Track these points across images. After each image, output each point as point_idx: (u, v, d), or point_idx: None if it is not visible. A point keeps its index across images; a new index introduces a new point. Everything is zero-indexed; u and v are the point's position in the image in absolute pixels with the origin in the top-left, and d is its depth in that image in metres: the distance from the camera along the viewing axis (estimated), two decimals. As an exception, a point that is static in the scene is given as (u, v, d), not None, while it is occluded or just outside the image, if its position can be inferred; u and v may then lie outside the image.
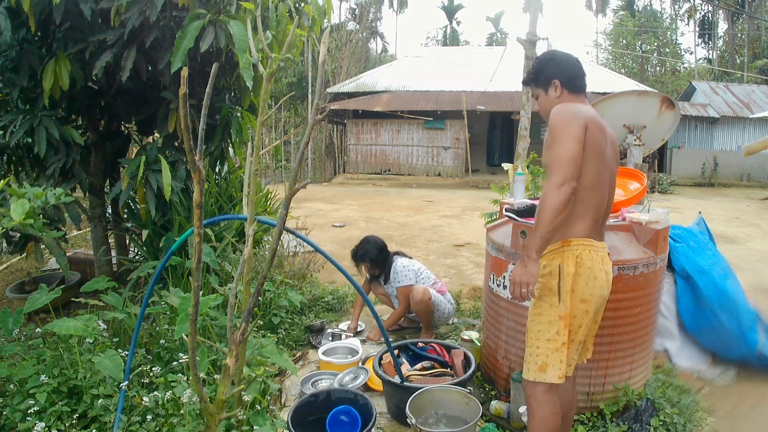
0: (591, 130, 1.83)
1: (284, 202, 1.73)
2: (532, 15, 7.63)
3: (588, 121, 1.83)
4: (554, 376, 1.88)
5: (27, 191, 2.30)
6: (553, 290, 1.88)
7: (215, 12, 3.00)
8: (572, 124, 1.81)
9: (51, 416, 2.18)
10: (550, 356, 1.88)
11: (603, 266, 1.90)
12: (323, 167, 21.92)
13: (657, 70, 33.43)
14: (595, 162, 1.84)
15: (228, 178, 4.44)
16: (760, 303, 3.23)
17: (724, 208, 11.77)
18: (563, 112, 1.87)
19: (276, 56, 1.99)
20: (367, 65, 28.84)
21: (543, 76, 2.05)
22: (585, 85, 2.04)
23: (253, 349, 2.39)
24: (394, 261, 3.70)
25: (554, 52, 2.10)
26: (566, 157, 1.77)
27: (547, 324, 1.90)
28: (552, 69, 2.02)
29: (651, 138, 3.62)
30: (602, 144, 1.87)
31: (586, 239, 1.88)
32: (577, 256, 1.86)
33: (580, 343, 1.94)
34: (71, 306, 3.79)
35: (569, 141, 1.79)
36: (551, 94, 2.03)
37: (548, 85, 2.03)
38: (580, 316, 1.89)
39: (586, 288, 1.86)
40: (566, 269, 1.86)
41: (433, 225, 8.80)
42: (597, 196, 1.88)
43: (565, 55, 2.06)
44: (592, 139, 1.83)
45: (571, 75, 2.01)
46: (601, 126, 1.89)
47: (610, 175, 1.95)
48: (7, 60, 3.31)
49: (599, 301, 1.91)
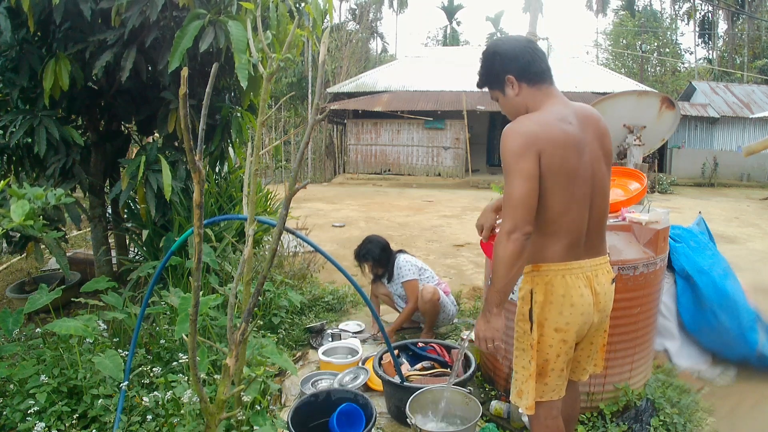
0: (548, 152, 1.57)
1: (284, 202, 1.73)
2: (532, 15, 7.64)
3: (542, 144, 1.57)
4: (524, 405, 1.76)
5: (27, 192, 2.30)
6: (525, 316, 1.74)
7: (215, 12, 3.00)
8: (522, 158, 1.56)
9: (51, 416, 2.17)
10: (524, 384, 1.77)
11: (591, 287, 1.70)
12: (323, 167, 21.92)
13: (657, 70, 33.42)
14: (560, 185, 1.61)
15: (228, 178, 4.44)
16: (760, 303, 3.23)
17: (724, 208, 11.77)
18: (511, 140, 1.60)
19: (276, 56, 1.99)
20: (367, 65, 28.85)
21: (493, 75, 1.74)
22: (545, 70, 1.71)
23: (253, 349, 2.39)
24: (397, 258, 3.71)
25: (496, 43, 1.76)
26: (515, 199, 1.56)
27: (521, 351, 1.78)
28: (499, 64, 1.71)
29: (651, 138, 3.62)
30: (569, 161, 1.61)
31: (561, 264, 1.67)
32: (547, 284, 1.68)
33: (562, 370, 1.75)
34: (71, 306, 3.79)
35: (518, 180, 1.56)
36: (509, 94, 1.73)
37: (503, 85, 1.73)
38: (557, 345, 1.71)
39: (560, 317, 1.67)
40: (536, 297, 1.70)
41: (433, 225, 8.80)
42: (571, 218, 1.65)
43: (512, 41, 1.73)
44: (551, 163, 1.58)
45: (523, 64, 1.68)
46: (565, 137, 1.61)
47: (593, 188, 1.69)
48: (7, 60, 3.31)
49: (582, 328, 1.72)
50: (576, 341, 1.76)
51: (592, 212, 1.71)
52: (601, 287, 1.74)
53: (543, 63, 1.71)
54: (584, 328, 1.73)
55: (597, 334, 1.84)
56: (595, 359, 1.90)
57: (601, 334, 1.86)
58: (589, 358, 1.88)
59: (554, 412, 1.78)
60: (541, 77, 1.70)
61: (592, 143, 1.70)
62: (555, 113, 1.66)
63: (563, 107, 1.69)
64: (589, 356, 1.88)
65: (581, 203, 1.67)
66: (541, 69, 1.70)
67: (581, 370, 1.90)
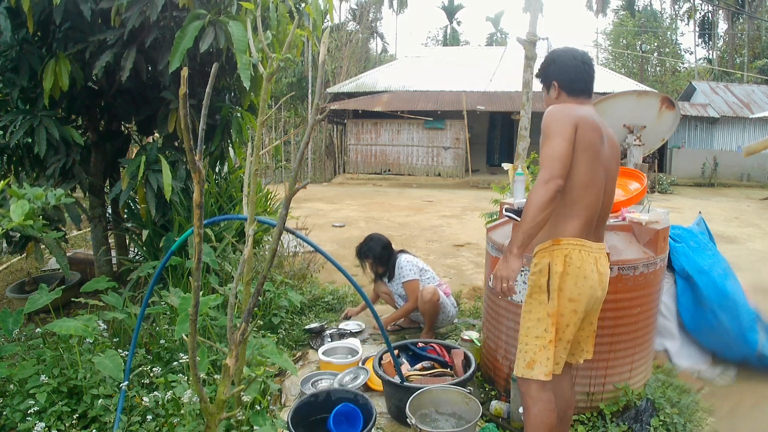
0: (583, 128, 1.83)
1: (284, 202, 1.73)
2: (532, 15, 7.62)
3: (579, 120, 1.83)
4: (541, 373, 1.89)
5: (27, 192, 2.30)
6: (542, 288, 1.89)
7: (215, 12, 3.00)
8: (561, 123, 1.82)
9: (51, 416, 2.17)
10: (537, 353, 1.90)
11: (596, 267, 1.89)
12: (323, 167, 21.93)
13: (657, 70, 33.43)
14: (587, 161, 1.84)
15: (228, 178, 4.44)
16: (760, 303, 3.23)
17: (724, 208, 11.77)
18: (554, 112, 1.88)
19: (276, 56, 1.99)
20: (367, 65, 28.84)
21: (545, 75, 2.08)
22: (587, 89, 2.01)
23: (253, 349, 2.39)
24: (399, 257, 3.71)
25: (557, 53, 2.06)
26: (553, 154, 1.79)
27: (536, 321, 1.91)
28: (552, 70, 2.04)
29: (651, 138, 3.62)
30: (596, 143, 1.86)
31: (577, 239, 1.87)
32: (566, 255, 1.86)
33: (567, 342, 1.93)
34: (71, 306, 3.79)
35: (557, 139, 1.80)
36: (551, 95, 2.05)
37: (549, 86, 2.06)
38: (568, 315, 1.89)
39: (575, 287, 1.86)
40: (555, 267, 1.87)
41: (433, 225, 8.80)
42: (590, 196, 1.87)
43: (570, 58, 2.02)
44: (583, 137, 1.82)
45: (570, 79, 2.00)
46: (595, 125, 1.88)
47: (607, 175, 1.93)
48: (7, 60, 3.31)
49: (590, 301, 1.90)
50: (584, 314, 1.92)
51: (603, 200, 1.93)
52: (603, 268, 1.94)
53: (585, 83, 2.00)
54: (591, 302, 1.91)
55: (595, 314, 2.02)
56: (591, 343, 2.08)
57: (597, 314, 2.04)
58: (588, 339, 2.06)
59: (548, 386, 1.92)
60: (580, 93, 2.00)
61: (611, 140, 1.97)
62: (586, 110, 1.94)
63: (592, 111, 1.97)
64: (588, 336, 2.06)
65: (598, 187, 1.89)
66: (582, 87, 2.00)
67: (580, 351, 2.07)
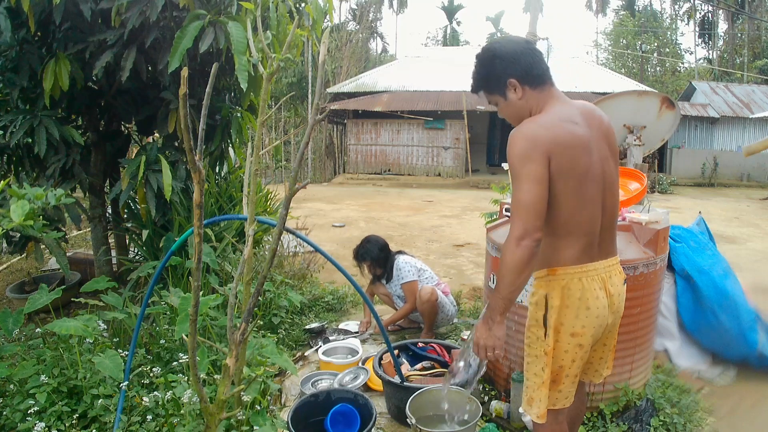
0: (557, 153, 1.54)
1: (284, 202, 1.73)
2: (532, 15, 7.64)
3: (551, 146, 1.54)
4: (535, 414, 1.71)
5: (27, 192, 2.30)
6: (539, 322, 1.69)
7: (215, 13, 3.00)
8: (530, 161, 1.53)
9: (51, 416, 2.17)
10: (535, 391, 1.72)
11: (605, 289, 1.67)
12: (323, 167, 21.92)
13: (657, 70, 33.41)
14: (572, 185, 1.57)
15: (228, 178, 4.44)
16: (760, 303, 3.23)
17: (724, 208, 11.77)
18: (521, 141, 1.57)
19: (276, 56, 1.99)
20: (367, 65, 28.83)
21: (493, 79, 1.69)
22: (546, 70, 1.67)
23: (253, 349, 2.39)
24: (396, 258, 3.70)
25: (494, 46, 1.70)
26: (524, 204, 1.52)
27: (534, 357, 1.72)
28: (500, 67, 1.66)
29: (651, 138, 3.62)
30: (579, 160, 1.58)
31: (576, 266, 1.64)
32: (563, 287, 1.64)
33: (575, 376, 1.72)
34: (71, 306, 3.79)
35: (528, 184, 1.52)
36: (512, 98, 1.67)
37: (504, 88, 1.67)
38: (572, 350, 1.67)
39: (576, 320, 1.64)
40: (552, 302, 1.66)
41: (433, 225, 8.80)
42: (584, 218, 1.62)
43: (511, 43, 1.69)
44: (561, 164, 1.55)
45: (525, 66, 1.64)
46: (574, 137, 1.58)
47: (604, 184, 1.66)
48: (7, 60, 3.31)
49: (597, 331, 1.68)
50: (591, 345, 1.72)
51: (604, 212, 1.68)
52: (614, 288, 1.71)
53: (543, 64, 1.67)
54: (599, 331, 1.70)
55: (611, 336, 1.81)
56: (608, 361, 1.87)
57: (614, 335, 1.83)
58: (602, 360, 1.85)
59: (560, 417, 1.76)
60: (543, 79, 1.66)
61: (599, 142, 1.67)
62: (560, 114, 1.62)
63: (567, 107, 1.66)
64: (602, 357, 1.85)
65: (594, 203, 1.63)
66: (542, 71, 1.66)
67: (593, 371, 1.87)
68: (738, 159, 17.72)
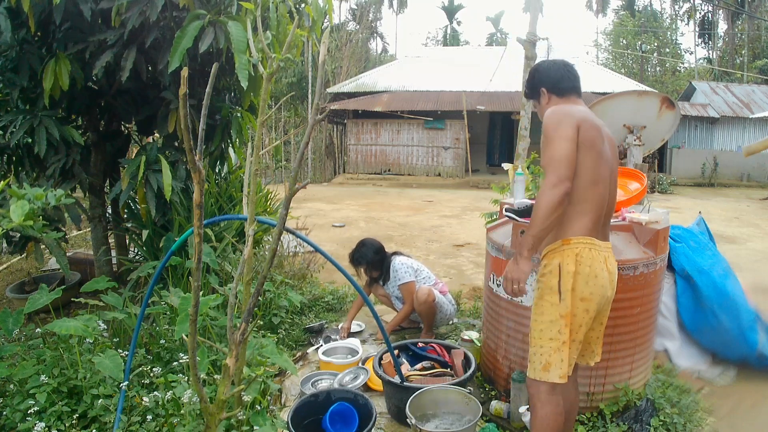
0: (584, 128, 1.86)
1: (284, 202, 1.73)
2: (532, 15, 7.64)
3: (580, 120, 1.87)
4: (556, 375, 1.89)
5: (27, 192, 2.30)
6: (553, 289, 1.89)
7: (215, 12, 3.00)
8: (563, 125, 1.85)
9: (51, 416, 2.17)
10: (552, 355, 1.89)
11: (606, 265, 1.90)
12: (323, 167, 21.92)
13: (657, 70, 33.41)
14: (591, 159, 1.86)
15: (228, 178, 4.44)
16: (760, 303, 3.23)
17: (724, 208, 11.77)
18: (555, 114, 1.91)
19: (276, 56, 1.99)
20: (367, 65, 28.84)
21: (532, 87, 2.16)
22: (574, 87, 2.07)
23: (253, 349, 2.39)
24: (392, 260, 3.70)
25: (540, 64, 2.20)
26: (559, 156, 1.81)
27: (549, 323, 1.91)
28: (537, 79, 2.13)
29: (651, 138, 3.62)
30: (598, 141, 1.89)
31: (587, 238, 1.88)
32: (577, 254, 1.86)
33: (580, 342, 1.94)
34: (71, 306, 3.79)
35: (562, 141, 1.82)
36: (542, 102, 2.12)
37: (538, 95, 2.14)
38: (580, 315, 1.89)
39: (586, 286, 1.86)
40: (566, 267, 1.87)
41: (433, 225, 8.80)
42: (597, 193, 1.89)
43: (551, 63, 2.15)
44: (586, 136, 1.85)
45: (555, 80, 2.07)
46: (595, 124, 1.91)
47: (611, 173, 1.96)
48: (7, 60, 3.31)
49: (601, 300, 1.90)
50: (595, 314, 1.92)
51: (609, 197, 1.95)
52: (612, 267, 1.95)
53: (571, 82, 2.06)
54: (602, 301, 1.91)
55: (604, 314, 2.01)
56: (600, 344, 2.07)
57: (607, 313, 2.02)
58: (598, 340, 2.06)
59: (557, 389, 1.92)
60: (568, 91, 2.06)
61: (610, 141, 2.00)
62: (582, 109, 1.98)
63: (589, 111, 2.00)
64: (598, 337, 2.05)
65: (604, 184, 1.91)
66: (568, 86, 2.06)
67: (590, 352, 2.07)
68: (738, 159, 17.72)
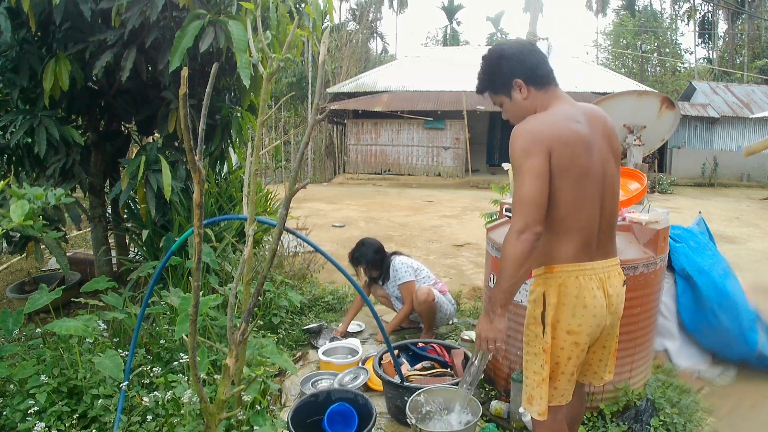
0: (557, 150, 1.56)
1: (284, 202, 1.73)
2: (532, 15, 7.65)
3: (552, 141, 1.57)
4: (536, 411, 1.71)
5: (27, 192, 2.30)
6: (537, 320, 1.70)
7: (215, 12, 3.00)
8: (532, 155, 1.55)
9: (51, 416, 2.17)
10: (534, 389, 1.72)
11: (603, 289, 1.68)
12: (323, 167, 21.92)
13: (657, 70, 33.40)
14: (572, 182, 1.59)
15: (228, 178, 4.44)
16: (760, 303, 3.23)
17: (724, 208, 11.77)
18: (522, 137, 1.60)
19: (276, 56, 1.99)
20: (367, 65, 28.82)
21: (499, 79, 1.72)
22: (550, 72, 1.72)
23: (253, 349, 2.39)
24: (392, 259, 3.70)
25: (502, 47, 1.74)
26: (527, 198, 1.54)
27: (533, 355, 1.73)
28: (507, 67, 1.70)
29: (651, 138, 3.62)
30: (580, 159, 1.60)
31: (573, 264, 1.65)
32: (560, 285, 1.65)
33: (572, 374, 1.73)
34: (71, 306, 3.79)
35: (529, 178, 1.55)
36: (517, 98, 1.71)
37: (509, 89, 1.71)
38: (568, 348, 1.68)
39: (573, 319, 1.65)
40: (549, 299, 1.67)
41: (433, 225, 8.80)
42: (582, 217, 1.63)
43: (517, 44, 1.74)
44: (561, 160, 1.57)
45: (531, 66, 1.68)
46: (575, 135, 1.61)
47: (603, 184, 1.67)
48: (7, 60, 3.31)
49: (594, 330, 1.69)
50: (588, 344, 1.73)
51: (603, 212, 1.69)
52: (613, 289, 1.72)
53: (548, 65, 1.72)
54: (596, 330, 1.70)
55: (609, 338, 1.81)
56: (609, 365, 1.86)
57: (614, 337, 1.82)
58: (602, 362, 1.85)
59: (559, 416, 1.76)
60: (548, 80, 1.71)
61: (601, 143, 1.69)
62: (563, 113, 1.66)
63: (571, 107, 1.69)
64: (602, 360, 1.85)
65: (592, 202, 1.65)
66: (547, 72, 1.71)
67: (592, 373, 1.87)
68: (738, 159, 17.71)
